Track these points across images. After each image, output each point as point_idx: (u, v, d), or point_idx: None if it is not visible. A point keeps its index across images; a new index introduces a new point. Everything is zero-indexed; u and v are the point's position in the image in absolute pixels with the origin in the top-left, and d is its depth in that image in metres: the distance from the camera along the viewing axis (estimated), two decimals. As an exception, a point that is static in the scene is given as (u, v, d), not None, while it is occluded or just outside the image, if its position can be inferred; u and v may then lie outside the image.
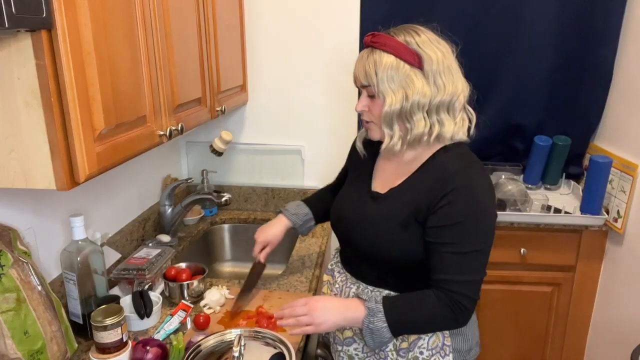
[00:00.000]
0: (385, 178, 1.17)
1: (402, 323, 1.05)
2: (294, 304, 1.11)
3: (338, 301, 1.13)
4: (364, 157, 1.24)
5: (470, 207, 1.02)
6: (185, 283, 1.38)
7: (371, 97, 1.08)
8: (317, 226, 1.50)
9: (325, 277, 1.33)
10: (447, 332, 1.12)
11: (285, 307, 1.12)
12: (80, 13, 0.85)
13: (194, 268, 1.46)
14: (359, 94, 1.13)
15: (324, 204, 1.42)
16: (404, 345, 1.12)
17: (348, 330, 1.19)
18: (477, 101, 1.14)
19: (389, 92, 1.03)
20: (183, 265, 1.47)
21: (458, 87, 1.06)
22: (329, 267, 1.32)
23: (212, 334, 1.18)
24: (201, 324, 1.27)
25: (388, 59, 1.03)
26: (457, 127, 1.08)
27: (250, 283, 1.42)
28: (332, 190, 1.44)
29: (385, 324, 1.03)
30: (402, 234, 1.08)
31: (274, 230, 1.41)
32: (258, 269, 1.44)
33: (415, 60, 1.03)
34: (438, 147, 1.09)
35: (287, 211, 1.42)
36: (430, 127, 1.06)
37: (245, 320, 1.31)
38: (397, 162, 1.16)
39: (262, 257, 1.41)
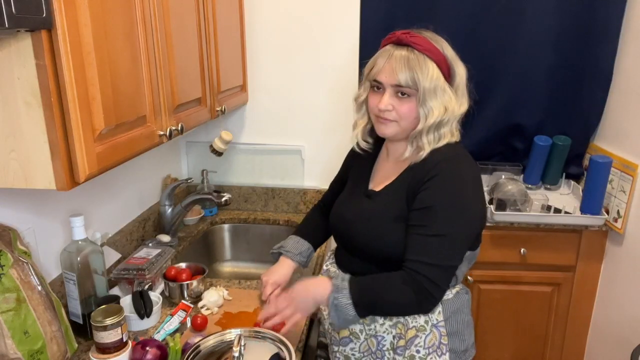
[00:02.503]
0: (383, 177, 1.19)
1: (366, 301, 1.06)
2: (277, 302, 1.15)
3: (308, 282, 1.15)
4: (366, 154, 1.25)
5: (446, 194, 1.05)
6: (185, 283, 1.38)
7: (401, 96, 1.07)
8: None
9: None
10: (444, 331, 1.12)
11: (265, 309, 1.17)
12: (80, 13, 0.85)
13: (194, 268, 1.46)
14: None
15: (319, 232, 1.43)
16: (401, 343, 1.13)
17: (345, 330, 1.19)
18: (477, 101, 1.15)
19: (436, 106, 1.06)
20: (183, 265, 1.47)
21: (466, 104, 1.12)
22: (325, 267, 1.33)
23: (211, 334, 1.18)
24: (198, 325, 1.26)
25: (434, 68, 1.05)
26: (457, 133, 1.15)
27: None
28: (323, 212, 1.45)
29: (350, 302, 1.05)
30: (396, 229, 1.09)
31: (282, 272, 1.35)
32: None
33: (448, 73, 1.08)
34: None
35: (289, 252, 1.36)
36: (450, 138, 1.11)
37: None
38: (395, 161, 1.18)
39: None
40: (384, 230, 1.11)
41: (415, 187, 1.07)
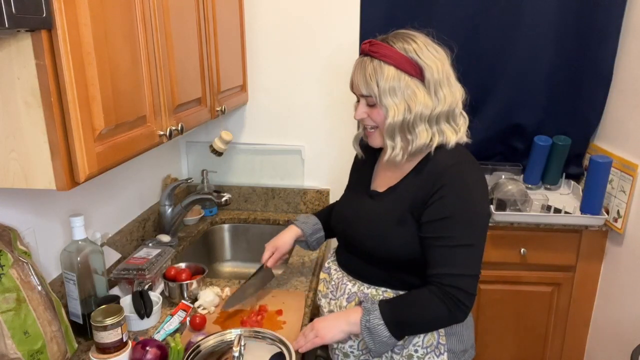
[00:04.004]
0: (385, 178, 1.19)
1: (399, 320, 1.06)
2: (304, 331, 1.16)
3: (337, 313, 1.17)
4: (362, 157, 1.26)
5: (461, 203, 1.04)
6: (184, 283, 1.38)
7: (371, 105, 1.09)
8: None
9: (322, 275, 1.33)
10: (442, 331, 1.13)
11: (298, 339, 1.15)
12: (80, 13, 0.85)
13: (194, 268, 1.46)
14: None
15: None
16: (399, 342, 1.13)
17: None
18: (477, 101, 1.14)
19: (392, 105, 1.04)
20: (182, 265, 1.48)
21: (456, 95, 1.09)
22: (326, 265, 1.33)
23: (212, 334, 1.18)
24: (197, 325, 1.27)
25: (389, 70, 1.03)
26: (460, 134, 1.11)
27: (250, 285, 1.40)
28: None
29: (382, 322, 1.04)
30: (399, 230, 1.09)
31: (282, 237, 1.40)
32: (265, 274, 1.42)
33: (415, 71, 1.04)
34: (431, 147, 1.11)
35: (296, 221, 1.42)
36: (432, 137, 1.08)
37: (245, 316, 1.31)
38: (393, 165, 1.17)
39: (270, 263, 1.39)
40: (386, 232, 1.11)
41: (424, 196, 1.06)
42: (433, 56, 1.05)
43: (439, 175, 1.05)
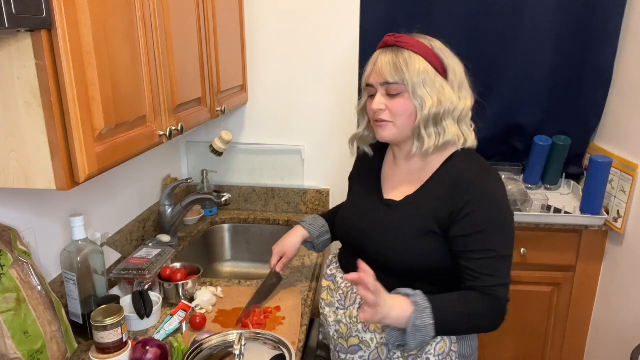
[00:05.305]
0: (397, 185, 1.17)
1: (447, 321, 1.03)
2: (369, 288, 0.94)
3: (391, 298, 1.01)
4: (371, 158, 1.24)
5: (493, 215, 1.05)
6: (180, 283, 1.38)
7: (392, 95, 1.08)
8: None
9: (325, 283, 1.30)
10: (454, 338, 1.12)
11: (361, 282, 0.94)
12: (80, 13, 0.85)
13: (189, 268, 1.46)
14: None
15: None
16: (412, 351, 1.11)
17: (354, 338, 1.17)
18: (477, 102, 1.15)
19: (427, 96, 1.05)
20: (178, 265, 1.47)
21: (469, 99, 1.11)
22: (328, 272, 1.30)
23: (215, 334, 1.18)
24: (197, 325, 1.27)
25: (420, 62, 1.05)
26: (472, 139, 1.12)
27: (263, 294, 1.40)
28: None
29: (432, 322, 1.00)
30: (420, 241, 1.08)
31: (289, 240, 1.38)
32: (274, 280, 1.43)
33: (441, 68, 1.07)
34: (448, 154, 1.11)
35: (304, 222, 1.39)
36: (458, 135, 1.09)
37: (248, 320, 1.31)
38: (407, 169, 1.16)
39: (278, 268, 1.38)
40: (406, 243, 1.09)
41: (450, 210, 1.05)
42: (454, 58, 1.09)
43: (466, 189, 1.05)
